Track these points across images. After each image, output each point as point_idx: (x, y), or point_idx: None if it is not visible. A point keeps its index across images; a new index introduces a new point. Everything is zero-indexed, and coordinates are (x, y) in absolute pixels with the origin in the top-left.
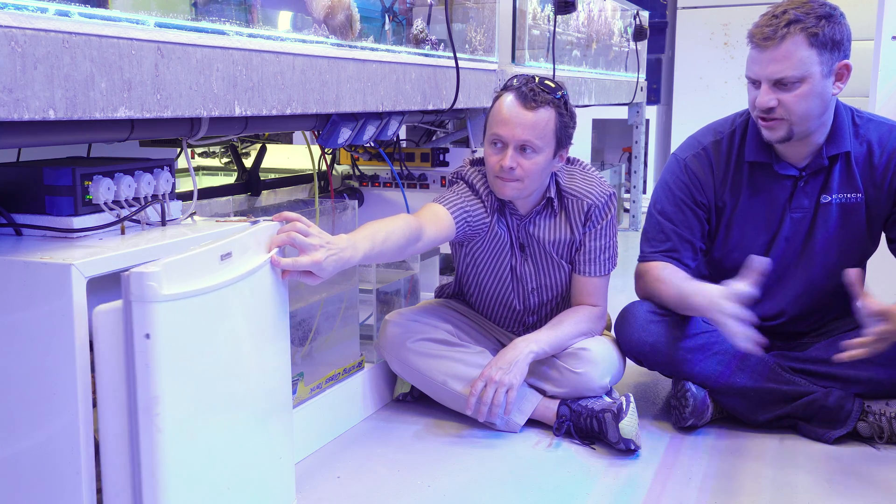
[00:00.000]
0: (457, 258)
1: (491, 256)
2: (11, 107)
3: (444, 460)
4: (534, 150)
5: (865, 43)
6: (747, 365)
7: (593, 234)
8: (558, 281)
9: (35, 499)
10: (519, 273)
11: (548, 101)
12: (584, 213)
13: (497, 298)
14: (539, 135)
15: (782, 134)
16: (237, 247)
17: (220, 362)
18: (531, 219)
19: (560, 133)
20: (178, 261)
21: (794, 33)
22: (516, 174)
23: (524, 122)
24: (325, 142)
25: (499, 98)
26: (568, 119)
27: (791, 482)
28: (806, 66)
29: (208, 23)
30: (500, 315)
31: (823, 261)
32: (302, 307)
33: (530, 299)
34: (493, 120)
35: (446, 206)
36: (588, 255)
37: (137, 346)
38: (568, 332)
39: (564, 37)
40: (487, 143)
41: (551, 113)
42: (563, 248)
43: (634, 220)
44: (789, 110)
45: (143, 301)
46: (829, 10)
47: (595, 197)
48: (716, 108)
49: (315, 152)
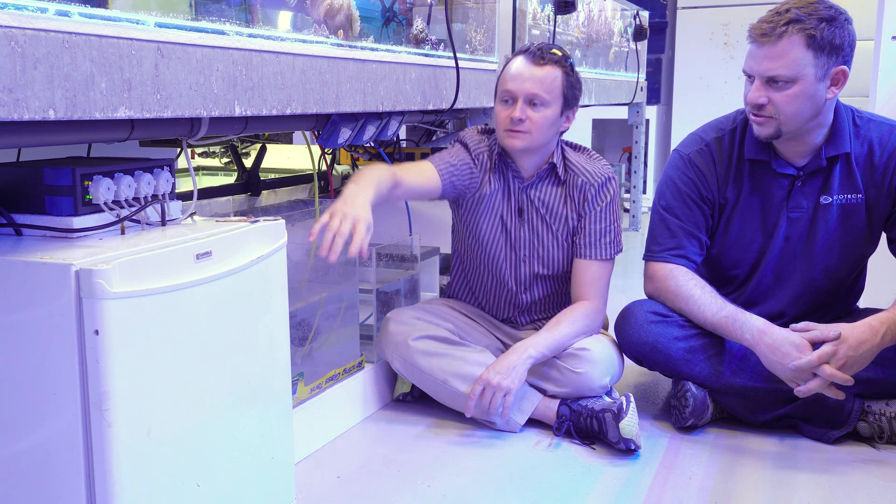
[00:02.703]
0: (456, 226)
1: (485, 216)
2: (11, 107)
3: (444, 460)
4: (542, 103)
5: (865, 43)
6: (747, 365)
7: (593, 216)
8: (553, 256)
9: (35, 499)
10: (513, 238)
11: (556, 60)
12: (581, 191)
13: (490, 270)
14: (547, 89)
15: (770, 131)
16: (219, 246)
17: (193, 360)
18: (532, 183)
19: (567, 92)
20: (138, 259)
21: (792, 33)
22: (525, 126)
23: (533, 77)
24: (325, 142)
25: (509, 62)
26: (574, 81)
27: (791, 482)
28: (799, 66)
29: (208, 23)
30: (494, 295)
31: (824, 261)
32: (302, 307)
33: (521, 268)
34: (503, 78)
35: (433, 162)
36: (588, 237)
37: (87, 342)
38: (565, 333)
39: (564, 37)
40: (498, 100)
41: (558, 71)
42: (559, 221)
43: (634, 219)
44: (778, 109)
45: (92, 298)
46: (834, 14)
47: (591, 176)
48: (716, 108)
49: (315, 152)
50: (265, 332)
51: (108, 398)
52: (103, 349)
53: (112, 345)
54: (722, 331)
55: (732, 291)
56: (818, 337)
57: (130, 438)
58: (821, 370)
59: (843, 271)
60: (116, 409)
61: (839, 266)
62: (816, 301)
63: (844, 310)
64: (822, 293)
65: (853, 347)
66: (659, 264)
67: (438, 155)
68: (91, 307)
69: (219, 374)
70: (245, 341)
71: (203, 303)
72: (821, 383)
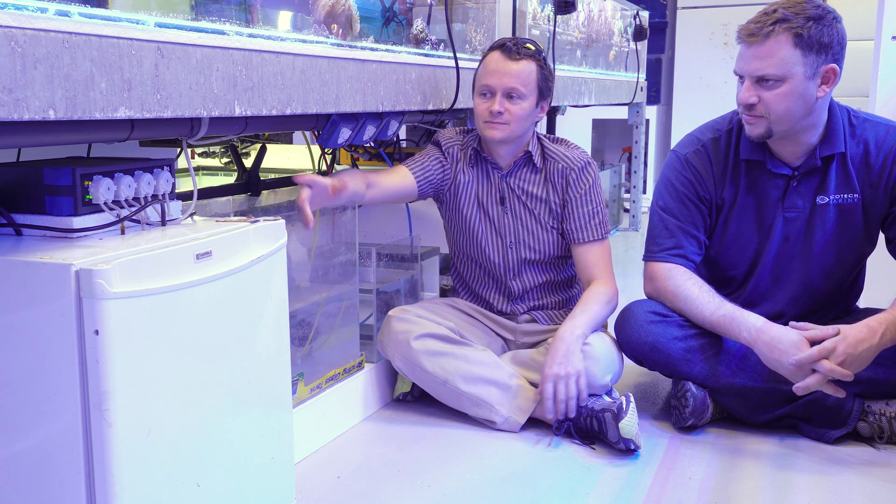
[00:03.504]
0: (445, 224)
1: (465, 206)
2: (11, 107)
3: (444, 460)
4: (519, 96)
5: (865, 43)
6: (747, 365)
7: (578, 200)
8: (540, 239)
9: (35, 499)
10: (498, 226)
11: (530, 55)
12: (562, 176)
13: (479, 260)
14: (523, 83)
15: (761, 131)
16: (219, 246)
17: (193, 360)
18: (511, 171)
19: (541, 84)
20: (138, 259)
21: (779, 32)
22: (504, 118)
23: (510, 72)
24: (325, 142)
25: (485, 56)
26: (548, 73)
27: (791, 482)
28: (788, 65)
29: (208, 23)
30: (487, 287)
31: (822, 262)
32: (302, 307)
33: (510, 255)
34: (481, 73)
35: (406, 164)
36: (578, 221)
37: (87, 342)
38: (598, 310)
39: (564, 37)
40: (477, 94)
41: (533, 65)
42: (541, 206)
43: (634, 219)
44: (769, 108)
45: (92, 298)
46: (821, 13)
47: (571, 161)
48: (716, 108)
49: (315, 152)
50: (265, 332)
51: (108, 398)
52: (103, 349)
53: (112, 345)
54: (721, 330)
55: (732, 292)
56: (817, 335)
57: (130, 438)
58: (820, 365)
59: (842, 272)
60: (116, 409)
61: (837, 267)
62: (815, 302)
63: (844, 310)
64: (821, 294)
65: (852, 345)
66: (658, 264)
67: (411, 157)
68: (91, 307)
69: (219, 374)
70: (245, 341)
71: (203, 303)
72: (820, 379)
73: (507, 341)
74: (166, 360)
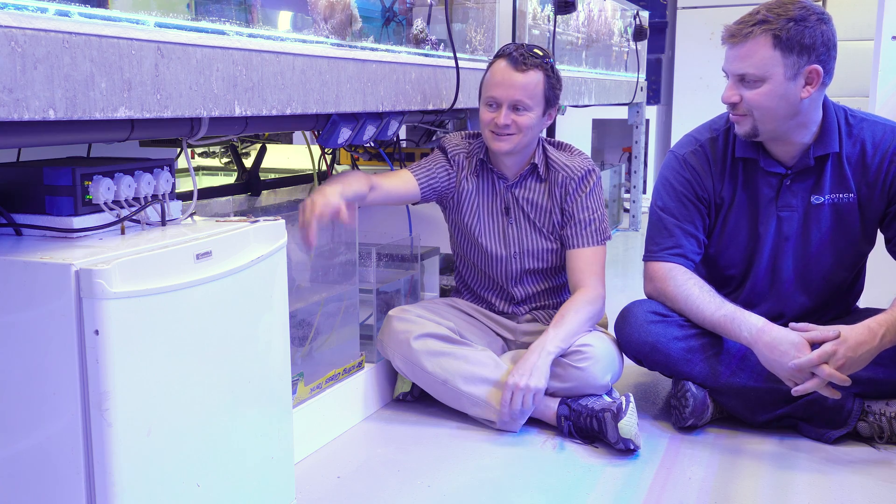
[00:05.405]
0: (448, 225)
1: (468, 214)
2: (11, 107)
3: (444, 460)
4: (525, 108)
5: (865, 43)
6: (747, 365)
7: (577, 206)
8: (543, 250)
9: (35, 499)
10: (501, 235)
11: (537, 65)
12: (563, 186)
13: (481, 266)
14: (530, 94)
15: (747, 129)
16: (219, 246)
17: (193, 360)
18: (517, 183)
19: (548, 93)
20: (138, 259)
21: (758, 34)
22: (510, 129)
23: (516, 84)
24: (325, 142)
25: (492, 64)
26: (555, 81)
27: (791, 482)
28: (767, 66)
29: (208, 23)
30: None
31: (819, 262)
32: (302, 307)
33: (512, 265)
34: (487, 84)
35: (410, 168)
36: (574, 227)
37: (87, 342)
38: (573, 323)
39: (564, 37)
40: (483, 104)
41: (540, 75)
42: (545, 216)
43: (634, 220)
44: (751, 107)
45: (92, 298)
46: (804, 14)
47: (571, 171)
48: (716, 108)
49: (315, 152)
50: (265, 332)
51: (108, 398)
52: (103, 349)
53: (112, 345)
54: (721, 329)
55: (731, 292)
56: (817, 337)
57: (130, 438)
58: (819, 370)
59: (840, 272)
60: (116, 409)
61: (835, 266)
62: (815, 301)
63: (844, 310)
64: (820, 294)
65: (852, 348)
66: (658, 264)
67: (417, 162)
68: (91, 307)
69: (219, 374)
70: (245, 341)
71: (203, 303)
72: (818, 382)
73: (507, 341)
74: (166, 360)
